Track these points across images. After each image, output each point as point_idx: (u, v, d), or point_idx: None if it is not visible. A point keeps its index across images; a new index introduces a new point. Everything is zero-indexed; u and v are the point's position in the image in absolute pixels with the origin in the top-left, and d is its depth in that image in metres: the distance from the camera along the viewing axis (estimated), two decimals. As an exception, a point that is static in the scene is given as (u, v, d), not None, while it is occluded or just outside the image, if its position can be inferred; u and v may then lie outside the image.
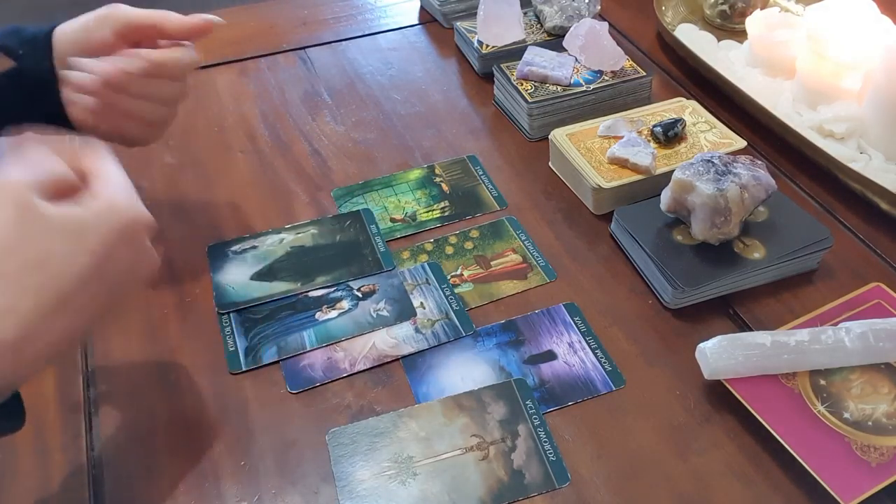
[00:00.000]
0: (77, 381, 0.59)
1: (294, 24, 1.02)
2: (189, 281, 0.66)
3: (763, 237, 0.65)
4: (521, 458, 0.53)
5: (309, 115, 0.86)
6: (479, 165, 0.79)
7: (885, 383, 0.55)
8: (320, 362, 0.60)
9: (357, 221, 0.72)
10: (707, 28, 0.97)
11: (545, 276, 0.67)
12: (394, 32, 1.01)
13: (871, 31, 0.77)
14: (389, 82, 0.91)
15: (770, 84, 0.86)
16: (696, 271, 0.62)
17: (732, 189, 0.61)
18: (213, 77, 0.92)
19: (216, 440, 0.55)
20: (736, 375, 0.55)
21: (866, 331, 0.55)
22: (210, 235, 0.71)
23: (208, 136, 0.83)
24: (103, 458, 0.54)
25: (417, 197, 0.75)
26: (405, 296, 0.65)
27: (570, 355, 0.60)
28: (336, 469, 0.53)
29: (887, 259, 0.68)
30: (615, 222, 0.69)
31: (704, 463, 0.53)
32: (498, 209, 0.74)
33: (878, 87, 0.75)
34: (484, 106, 0.87)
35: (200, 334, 0.62)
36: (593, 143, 0.74)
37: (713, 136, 0.75)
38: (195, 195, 0.75)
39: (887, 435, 0.52)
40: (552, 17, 0.90)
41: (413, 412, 0.56)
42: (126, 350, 0.61)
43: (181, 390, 0.58)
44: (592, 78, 0.82)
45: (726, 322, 0.63)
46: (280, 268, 0.67)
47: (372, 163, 0.79)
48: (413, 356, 0.60)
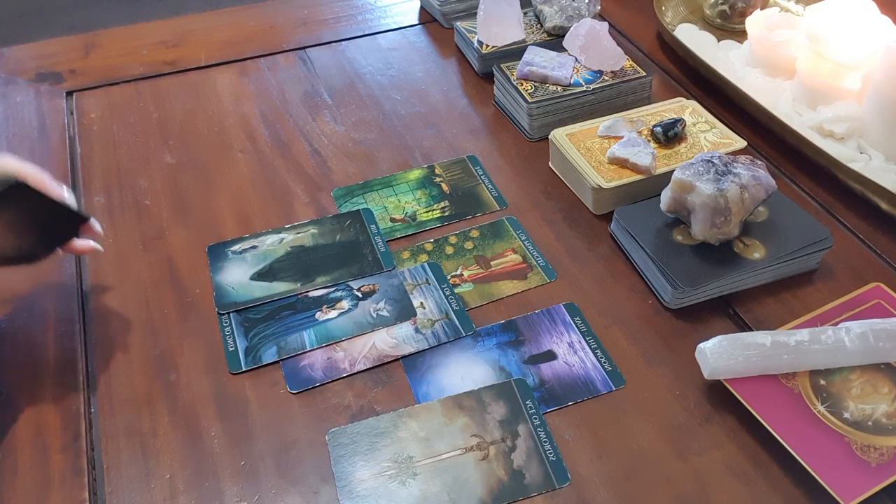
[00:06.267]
0: (77, 381, 0.59)
1: (294, 24, 1.02)
2: (189, 281, 0.66)
3: (763, 237, 0.65)
4: (521, 458, 0.53)
5: (309, 115, 0.86)
6: (479, 165, 0.79)
7: (885, 383, 0.55)
8: (320, 362, 0.60)
9: (357, 221, 0.72)
10: (707, 28, 0.97)
11: (545, 276, 0.67)
12: (394, 32, 1.01)
13: (871, 31, 0.77)
14: (389, 82, 0.91)
15: (770, 84, 0.86)
16: (696, 271, 0.62)
17: (732, 189, 0.61)
18: (213, 77, 0.92)
19: (216, 440, 0.55)
20: (736, 375, 0.55)
21: (866, 331, 0.55)
22: (210, 235, 0.71)
23: (208, 136, 0.83)
24: (103, 459, 0.54)
25: (417, 197, 0.75)
26: (405, 296, 0.65)
27: (570, 355, 0.60)
28: (336, 469, 0.53)
29: (887, 259, 0.68)
30: (615, 222, 0.69)
31: (704, 463, 0.53)
32: (498, 209, 0.74)
33: (878, 87, 0.75)
34: (484, 106, 0.87)
35: (200, 334, 0.62)
36: (593, 143, 0.74)
37: (713, 136, 0.75)
38: (195, 195, 0.75)
39: (887, 435, 0.52)
40: (552, 17, 0.90)
41: (413, 412, 0.56)
42: (126, 350, 0.61)
43: (181, 390, 0.58)
44: (592, 78, 0.82)
45: (726, 322, 0.63)
46: (280, 268, 0.67)
47: (372, 163, 0.79)
48: (413, 356, 0.60)
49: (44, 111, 0.87)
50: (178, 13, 1.12)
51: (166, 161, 0.80)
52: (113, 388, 0.58)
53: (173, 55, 0.96)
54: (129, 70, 0.93)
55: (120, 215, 0.73)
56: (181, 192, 0.76)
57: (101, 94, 0.90)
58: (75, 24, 2.39)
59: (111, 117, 0.86)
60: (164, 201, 0.75)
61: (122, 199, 0.75)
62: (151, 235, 0.71)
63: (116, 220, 0.73)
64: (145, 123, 0.85)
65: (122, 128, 0.84)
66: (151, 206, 0.74)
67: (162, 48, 0.97)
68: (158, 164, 0.79)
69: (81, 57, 0.96)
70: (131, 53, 0.96)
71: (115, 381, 0.59)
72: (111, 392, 0.58)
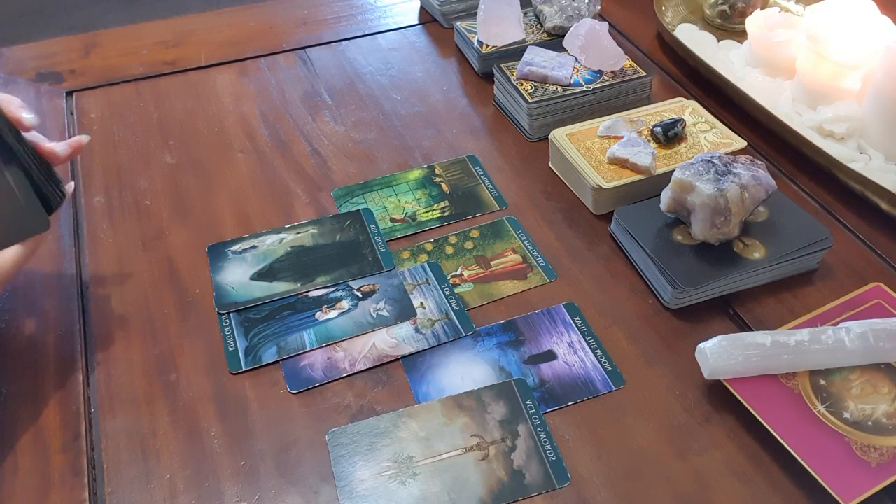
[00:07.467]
0: (77, 381, 0.59)
1: (294, 24, 1.02)
2: (189, 281, 0.66)
3: (763, 237, 0.65)
4: (521, 458, 0.53)
5: (309, 115, 0.86)
6: (479, 165, 0.79)
7: (885, 383, 0.55)
8: (320, 362, 0.60)
9: (357, 221, 0.72)
10: (707, 28, 0.97)
11: (545, 276, 0.67)
12: (394, 32, 1.01)
13: (871, 31, 0.77)
14: (389, 82, 0.91)
15: (770, 84, 0.86)
16: (696, 271, 0.62)
17: (732, 189, 0.61)
18: (213, 77, 0.92)
19: (216, 440, 0.55)
20: (736, 375, 0.55)
21: (866, 331, 0.55)
22: (210, 235, 0.71)
23: (208, 136, 0.83)
24: (103, 459, 0.54)
25: (417, 197, 0.75)
26: (405, 296, 0.65)
27: (570, 355, 0.60)
28: (336, 469, 0.53)
29: (887, 259, 0.68)
30: (615, 222, 0.69)
31: (704, 463, 0.53)
32: (498, 209, 0.74)
33: (878, 87, 0.75)
34: (484, 106, 0.87)
35: (200, 334, 0.62)
36: (593, 143, 0.74)
37: (713, 136, 0.75)
38: (195, 195, 0.75)
39: (887, 435, 0.52)
40: (552, 17, 0.90)
41: (413, 412, 0.56)
42: (126, 350, 0.61)
43: (181, 390, 0.58)
44: (592, 78, 0.82)
45: (726, 322, 0.63)
46: (280, 268, 0.67)
47: (372, 163, 0.79)
48: (413, 356, 0.60)
49: (44, 111, 0.86)
50: (178, 13, 1.12)
51: (166, 161, 0.80)
52: (113, 388, 0.58)
53: (173, 55, 0.96)
54: (129, 70, 0.93)
55: (120, 215, 0.73)
56: (181, 192, 0.76)
57: (101, 94, 0.90)
58: (75, 24, 2.39)
59: (111, 117, 0.86)
60: (164, 201, 0.75)
61: (122, 199, 0.75)
62: (151, 235, 0.71)
63: (116, 220, 0.73)
64: (145, 123, 0.85)
65: (122, 128, 0.84)
66: (151, 206, 0.74)
67: (162, 48, 0.97)
68: (158, 164, 0.79)
69: (81, 57, 0.96)
70: (131, 53, 0.96)
71: (115, 381, 0.59)
72: (111, 392, 0.58)
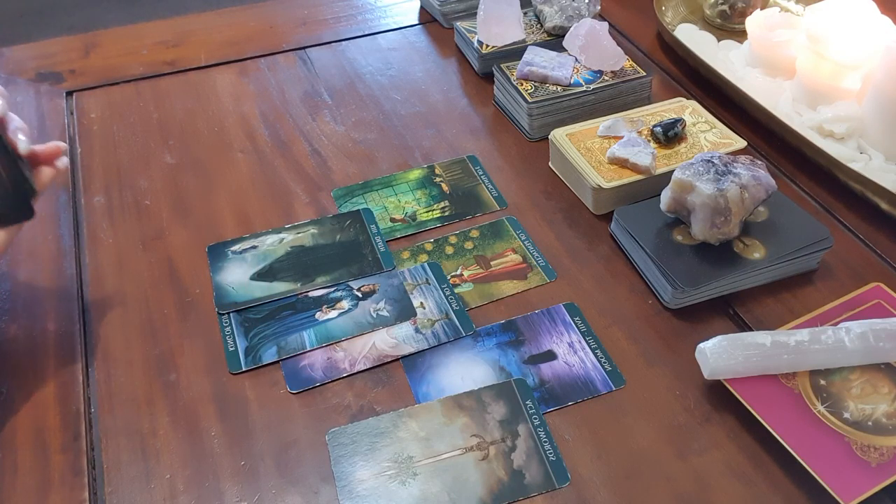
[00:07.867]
0: (77, 381, 0.59)
1: (294, 24, 1.02)
2: (189, 281, 0.66)
3: (763, 237, 0.65)
4: (521, 458, 0.53)
5: (309, 115, 0.86)
6: (479, 165, 0.79)
7: (885, 383, 0.55)
8: (320, 362, 0.60)
9: (357, 221, 0.72)
10: (707, 28, 0.97)
11: (545, 276, 0.67)
12: (394, 32, 1.01)
13: (871, 31, 0.77)
14: (389, 82, 0.91)
15: (770, 84, 0.86)
16: (696, 271, 0.62)
17: (732, 189, 0.61)
18: (213, 77, 0.92)
19: (216, 440, 0.55)
20: (736, 375, 0.55)
21: (866, 331, 0.55)
22: (210, 235, 0.71)
23: (208, 136, 0.83)
24: (103, 458, 0.54)
25: (417, 197, 0.75)
26: (405, 296, 0.65)
27: (570, 355, 0.60)
28: (336, 469, 0.53)
29: (887, 259, 0.68)
30: (615, 222, 0.69)
31: (704, 463, 0.53)
32: (498, 209, 0.74)
33: (878, 87, 0.75)
34: (484, 106, 0.87)
35: (200, 334, 0.62)
36: (593, 143, 0.74)
37: (713, 136, 0.75)
38: (195, 195, 0.75)
39: (887, 435, 0.52)
40: (552, 17, 0.90)
41: (413, 412, 0.56)
42: (126, 350, 0.61)
43: (181, 390, 0.58)
44: (592, 78, 0.82)
45: (726, 322, 0.63)
46: (280, 268, 0.67)
47: (372, 163, 0.79)
48: (413, 356, 0.60)
49: (44, 111, 0.87)
50: (178, 13, 1.12)
51: (166, 161, 0.80)
52: (113, 387, 0.58)
53: (173, 55, 0.96)
54: (129, 70, 0.93)
55: (120, 215, 0.73)
56: (181, 192, 0.76)
57: (101, 94, 0.90)
58: (75, 24, 2.39)
59: (111, 117, 0.86)
60: (164, 201, 0.75)
61: (122, 199, 0.75)
62: (151, 235, 0.71)
63: (116, 220, 0.73)
64: (145, 123, 0.85)
65: (122, 128, 0.84)
66: (151, 206, 0.74)
67: (162, 48, 0.97)
68: (158, 164, 0.79)
69: (81, 57, 0.96)
70: (131, 53, 0.96)
71: (115, 381, 0.59)
72: (111, 392, 0.58)
